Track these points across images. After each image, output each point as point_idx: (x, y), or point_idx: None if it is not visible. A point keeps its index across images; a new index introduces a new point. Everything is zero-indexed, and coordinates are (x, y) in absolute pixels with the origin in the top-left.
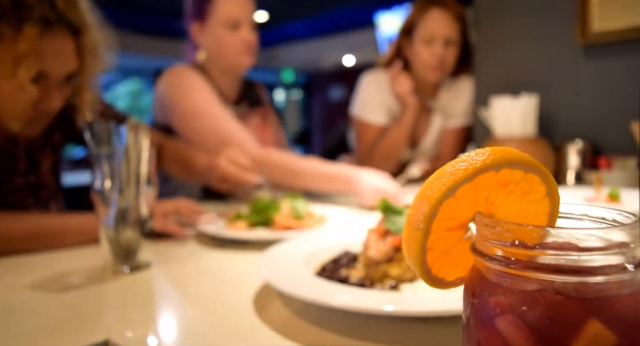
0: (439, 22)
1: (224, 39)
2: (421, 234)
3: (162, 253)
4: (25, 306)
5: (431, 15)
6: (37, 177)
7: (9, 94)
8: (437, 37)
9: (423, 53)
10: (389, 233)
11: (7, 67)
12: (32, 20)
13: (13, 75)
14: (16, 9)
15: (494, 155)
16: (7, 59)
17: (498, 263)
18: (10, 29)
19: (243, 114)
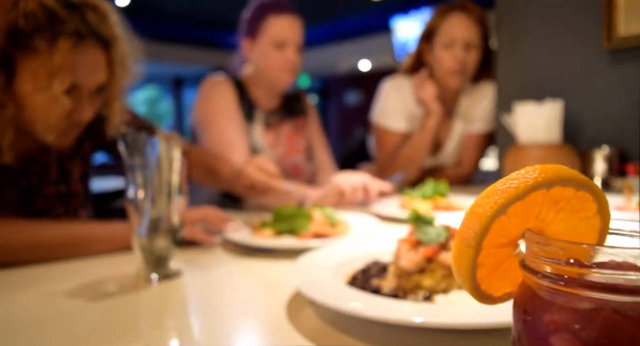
0: (459, 25)
1: (270, 56)
2: (472, 251)
3: (191, 261)
4: (62, 314)
5: (451, 19)
6: (67, 185)
7: (43, 106)
8: (457, 40)
9: (444, 57)
10: (421, 244)
11: (42, 80)
12: (65, 34)
13: (47, 87)
14: (51, 24)
15: (546, 173)
16: (42, 72)
17: (552, 281)
18: (45, 43)
19: (275, 123)
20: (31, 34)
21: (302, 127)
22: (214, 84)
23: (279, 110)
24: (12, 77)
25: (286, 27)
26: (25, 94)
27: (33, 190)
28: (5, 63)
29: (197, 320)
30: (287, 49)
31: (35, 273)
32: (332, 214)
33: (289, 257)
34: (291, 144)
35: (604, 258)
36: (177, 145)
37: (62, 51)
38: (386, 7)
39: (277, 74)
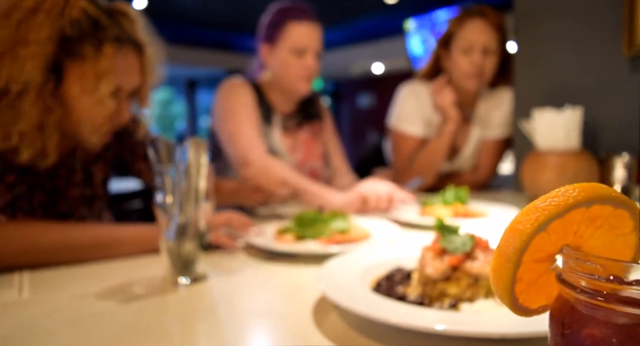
0: (478, 31)
1: (289, 63)
2: (512, 266)
3: (216, 265)
4: (92, 316)
5: (470, 25)
6: (92, 188)
7: (90, 109)
8: (475, 45)
9: (461, 62)
10: (446, 252)
11: (90, 84)
12: (109, 40)
13: (95, 90)
14: (94, 30)
15: (586, 192)
16: (89, 76)
17: (591, 296)
18: (91, 49)
19: (292, 127)
20: (78, 40)
21: (318, 131)
22: (233, 85)
23: (296, 115)
24: (60, 83)
25: (306, 34)
26: (72, 98)
27: (59, 193)
28: (54, 69)
29: (224, 323)
30: (306, 56)
31: (64, 274)
32: (349, 221)
33: (311, 262)
34: (309, 149)
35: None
36: (206, 151)
37: (107, 56)
38: (400, 10)
39: (295, 81)
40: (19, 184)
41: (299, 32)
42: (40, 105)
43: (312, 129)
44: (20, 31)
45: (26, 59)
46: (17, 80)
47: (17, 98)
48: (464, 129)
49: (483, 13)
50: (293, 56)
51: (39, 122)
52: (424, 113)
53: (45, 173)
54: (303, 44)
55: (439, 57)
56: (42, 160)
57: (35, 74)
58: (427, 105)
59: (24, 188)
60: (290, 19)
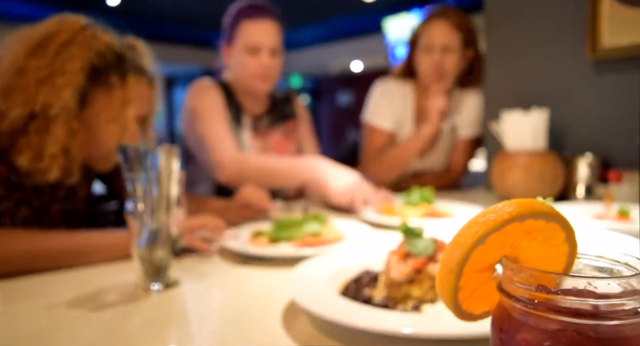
0: (438, 30)
1: (243, 62)
2: (454, 276)
3: (189, 270)
4: (63, 325)
5: (432, 25)
6: (73, 204)
7: (115, 134)
8: (435, 44)
9: (423, 60)
10: (410, 256)
11: (116, 111)
12: (131, 71)
13: (119, 117)
14: (119, 62)
15: (520, 208)
16: (115, 104)
17: (523, 305)
18: (118, 79)
19: (262, 129)
20: (105, 70)
21: (292, 131)
22: (201, 88)
23: (266, 116)
24: (83, 108)
25: (259, 31)
26: (98, 124)
27: (44, 209)
28: (80, 96)
29: (195, 329)
30: (261, 54)
31: (35, 283)
32: (325, 223)
33: (284, 264)
34: (280, 151)
35: (568, 285)
36: (177, 157)
37: (131, 85)
38: (378, 8)
39: (251, 80)
40: (6, 199)
41: (252, 30)
42: (66, 129)
43: (285, 129)
44: (57, 61)
45: (63, 87)
46: (54, 106)
47: (48, 122)
48: None
49: (444, 13)
50: (247, 55)
51: (65, 145)
52: (395, 110)
53: (32, 188)
54: (256, 42)
55: (411, 57)
56: (68, 178)
57: (71, 101)
58: (398, 102)
59: (10, 203)
60: (243, 17)
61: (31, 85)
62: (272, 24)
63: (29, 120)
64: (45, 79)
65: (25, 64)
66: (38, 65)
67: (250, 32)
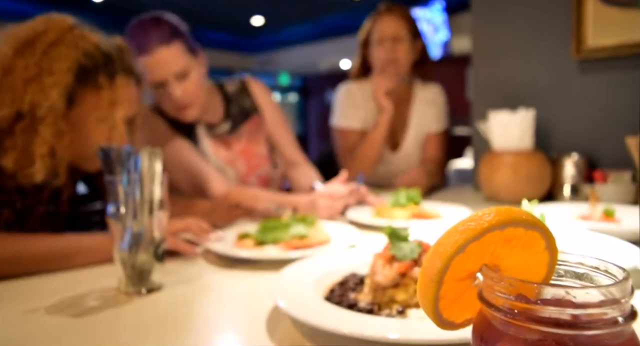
0: (387, 23)
1: (158, 98)
2: (434, 286)
3: (173, 273)
4: (43, 331)
5: (379, 20)
6: (56, 206)
7: (104, 135)
8: (386, 36)
9: (377, 53)
10: (395, 259)
11: (104, 111)
12: (120, 71)
13: (109, 117)
14: (107, 62)
15: (499, 216)
16: (104, 104)
17: (503, 314)
18: (107, 79)
19: (225, 137)
20: (94, 71)
21: (256, 129)
22: None
23: (224, 122)
24: (71, 108)
25: (155, 65)
26: (87, 125)
27: (27, 211)
28: (68, 96)
29: (178, 334)
30: (169, 86)
31: (13, 287)
32: (313, 225)
33: (270, 267)
34: (249, 158)
35: (548, 294)
36: (159, 159)
37: (120, 85)
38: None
39: (177, 113)
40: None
41: (150, 66)
42: (53, 129)
43: (250, 129)
44: (45, 61)
45: (51, 87)
46: (41, 106)
47: (35, 123)
48: (400, 130)
49: (389, 8)
50: (158, 90)
51: (52, 146)
52: (361, 110)
53: (15, 190)
54: (156, 78)
55: (364, 55)
56: (54, 180)
57: (58, 101)
58: (361, 101)
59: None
60: (137, 54)
61: (18, 85)
62: (166, 50)
63: (16, 120)
64: (32, 79)
65: (13, 64)
66: (25, 65)
67: (149, 69)
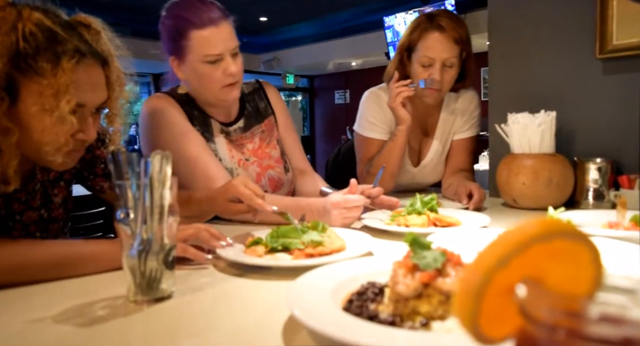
0: (437, 47)
1: (206, 75)
2: (474, 301)
3: (183, 281)
4: (50, 341)
5: (429, 39)
6: (49, 211)
7: (51, 127)
8: (434, 62)
9: (420, 75)
10: (417, 269)
11: (48, 101)
12: (67, 54)
13: (54, 108)
14: (51, 44)
15: (544, 227)
16: (47, 93)
17: (549, 331)
18: (48, 64)
19: (238, 138)
20: (33, 56)
21: (270, 131)
22: (157, 108)
23: (237, 121)
24: (16, 102)
25: (214, 39)
26: (31, 117)
27: (13, 218)
28: (9, 88)
29: (189, 345)
30: (223, 62)
31: (18, 295)
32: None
33: (283, 276)
34: (262, 159)
35: (596, 310)
36: (169, 163)
37: (66, 71)
38: (377, 5)
39: (219, 93)
40: None
41: (208, 40)
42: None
43: (263, 129)
44: None
45: None
46: None
47: None
48: (426, 139)
49: (442, 27)
50: (208, 66)
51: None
52: (385, 119)
53: (1, 197)
54: (214, 51)
55: (402, 61)
56: (4, 186)
57: None
58: (388, 110)
59: None
60: (189, 27)
61: None
62: (226, 25)
63: None
64: None
65: None
66: None
67: (206, 42)
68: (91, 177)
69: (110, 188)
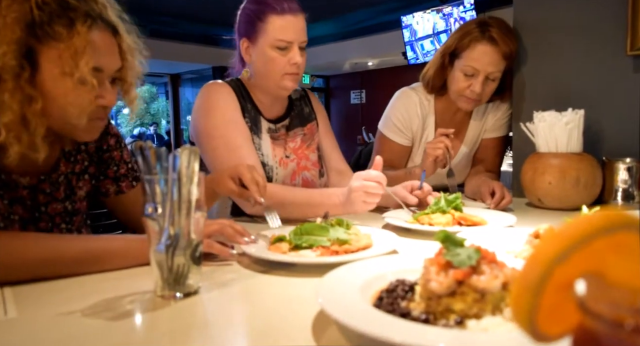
0: (485, 59)
1: (273, 60)
2: (532, 295)
3: (208, 277)
4: (80, 335)
5: (478, 49)
6: (72, 204)
7: (73, 90)
8: (479, 73)
9: (461, 84)
10: (451, 266)
11: (68, 64)
12: (80, 18)
13: (74, 70)
14: (64, 11)
15: (610, 219)
16: (66, 56)
17: (615, 328)
18: (64, 29)
19: (283, 135)
20: (48, 22)
21: (311, 135)
22: (214, 92)
23: (284, 119)
24: (37, 70)
25: (291, 27)
26: (53, 83)
27: (39, 208)
28: (28, 56)
29: (218, 340)
30: (291, 51)
31: (48, 290)
32: (353, 228)
33: (308, 273)
34: (301, 159)
35: None
36: (197, 159)
37: (81, 33)
38: (394, 4)
39: (280, 79)
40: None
41: (283, 25)
42: (19, 94)
43: (305, 132)
44: None
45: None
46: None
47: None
48: (454, 145)
49: (494, 40)
50: (277, 52)
51: (22, 114)
52: (412, 123)
53: (27, 188)
54: (288, 38)
55: (443, 64)
56: (34, 153)
57: (9, 59)
58: (415, 114)
59: (2, 203)
60: (270, 11)
61: None
62: (301, 18)
63: None
64: None
65: None
66: None
67: (281, 28)
68: (101, 177)
69: (116, 192)
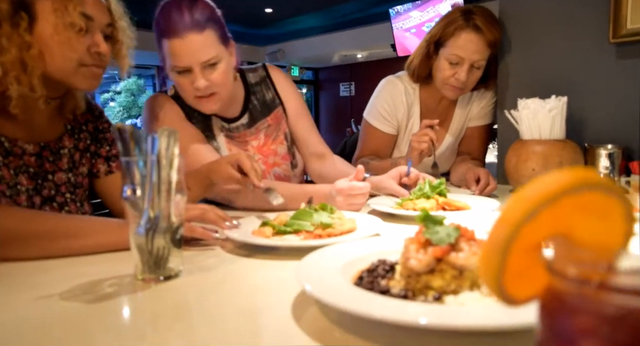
0: (470, 47)
1: (179, 85)
2: (500, 256)
3: (190, 261)
4: (59, 318)
5: (462, 38)
6: (75, 176)
7: (65, 35)
8: (463, 61)
9: (446, 72)
10: (430, 244)
11: (60, 10)
12: None
13: (64, 14)
14: None
15: (575, 178)
16: (58, 4)
17: (580, 286)
18: None
19: (240, 134)
20: None
21: (276, 125)
22: (155, 105)
23: (241, 117)
24: (34, 20)
25: (181, 51)
26: (48, 31)
27: (44, 176)
28: (25, 8)
29: (199, 322)
30: (192, 74)
31: (26, 272)
32: (337, 213)
33: (292, 255)
34: (266, 157)
35: (629, 263)
36: (177, 141)
37: None
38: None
39: (195, 103)
40: (3, 168)
41: (173, 51)
42: (17, 41)
43: (269, 123)
44: None
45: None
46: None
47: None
48: (439, 134)
49: (478, 28)
50: (180, 77)
51: (20, 57)
52: (400, 114)
53: (31, 155)
54: (180, 63)
55: (428, 52)
56: (32, 93)
57: (4, 4)
58: (400, 102)
59: (8, 172)
60: (162, 36)
61: None
62: (195, 37)
63: None
64: None
65: None
66: None
67: (173, 54)
68: (96, 156)
69: (106, 173)
